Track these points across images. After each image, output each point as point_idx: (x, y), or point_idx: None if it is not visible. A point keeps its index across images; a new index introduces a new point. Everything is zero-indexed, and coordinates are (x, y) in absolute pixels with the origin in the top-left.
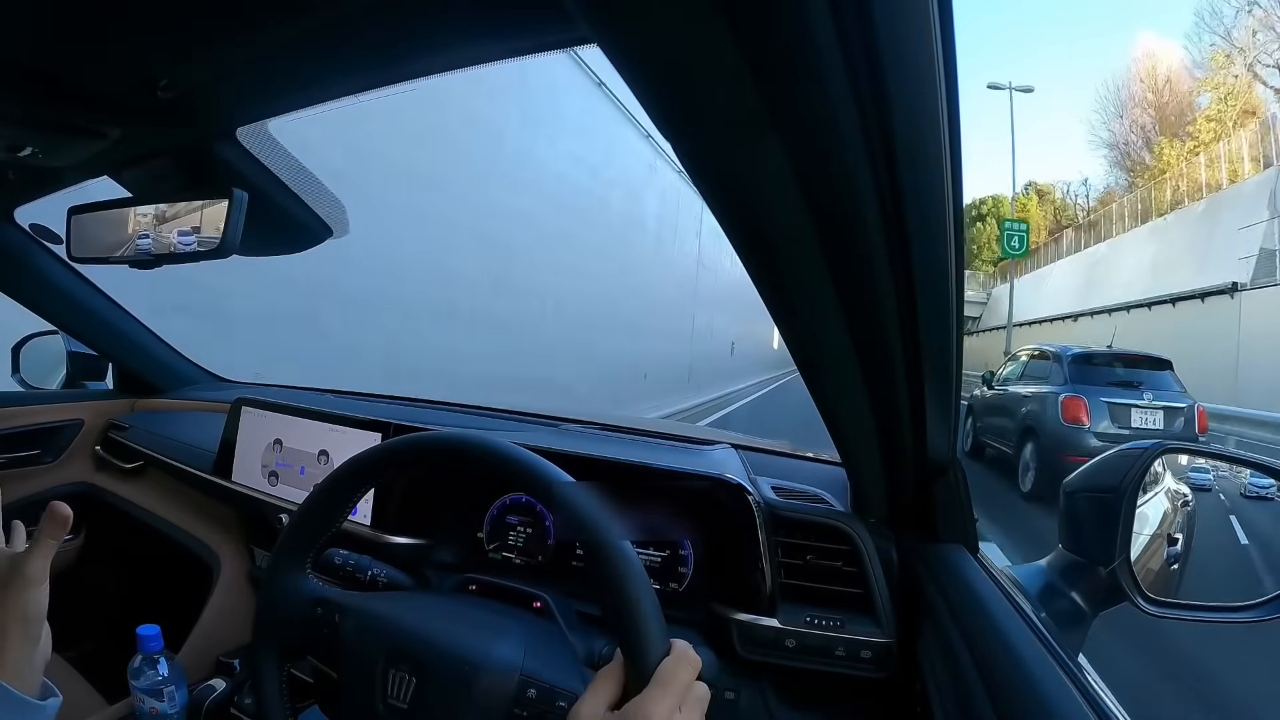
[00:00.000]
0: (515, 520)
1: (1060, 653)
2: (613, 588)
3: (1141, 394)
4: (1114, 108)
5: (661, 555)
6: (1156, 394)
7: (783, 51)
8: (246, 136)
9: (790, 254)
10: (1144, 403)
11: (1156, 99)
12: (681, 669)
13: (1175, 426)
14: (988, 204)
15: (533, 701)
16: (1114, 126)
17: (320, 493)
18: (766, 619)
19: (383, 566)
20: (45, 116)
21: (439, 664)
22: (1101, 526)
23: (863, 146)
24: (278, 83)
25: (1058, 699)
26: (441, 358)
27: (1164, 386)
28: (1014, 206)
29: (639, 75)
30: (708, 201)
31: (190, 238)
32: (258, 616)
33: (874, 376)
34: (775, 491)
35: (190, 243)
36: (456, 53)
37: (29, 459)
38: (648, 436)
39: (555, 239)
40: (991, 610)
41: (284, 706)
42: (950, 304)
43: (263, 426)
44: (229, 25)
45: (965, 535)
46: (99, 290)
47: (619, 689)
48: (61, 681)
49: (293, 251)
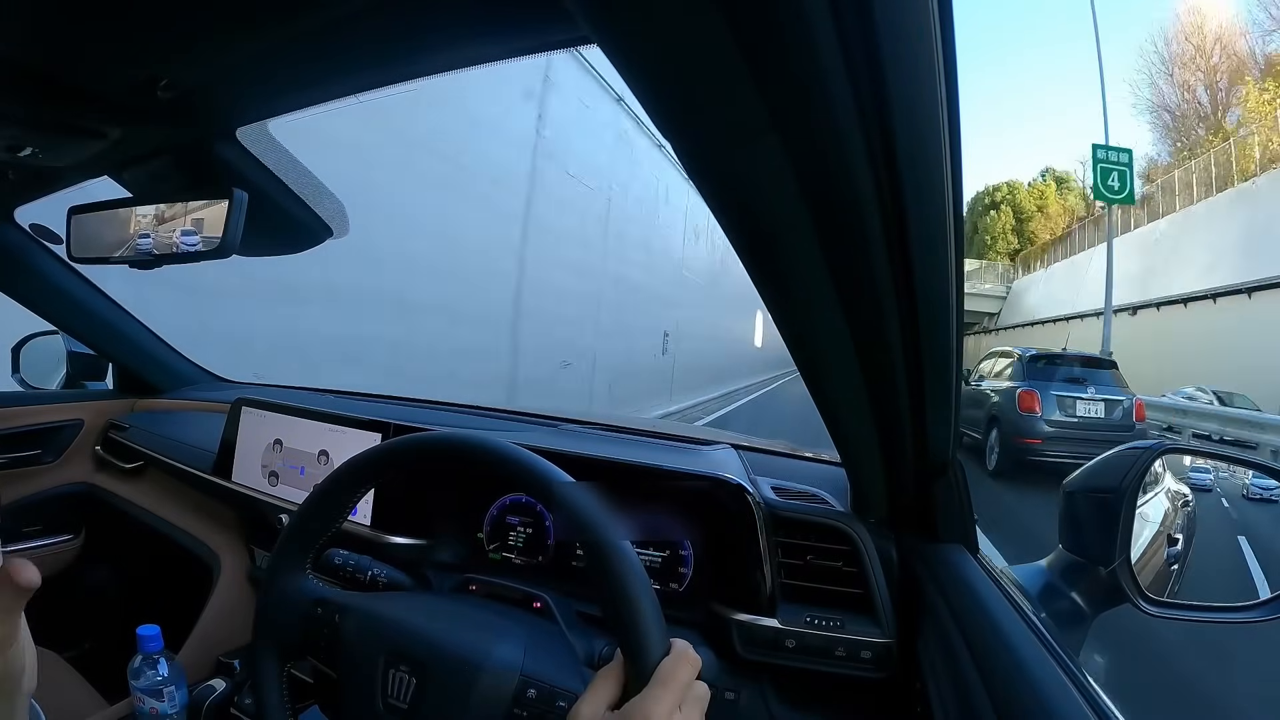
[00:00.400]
0: (515, 520)
1: (1060, 653)
2: (612, 587)
3: (1086, 389)
4: (1160, 65)
5: (661, 555)
6: (1099, 389)
7: (783, 51)
8: (246, 136)
9: (790, 254)
10: (1087, 396)
11: (1205, 61)
12: (681, 668)
13: (1115, 416)
14: (1002, 190)
15: (533, 701)
16: (1161, 86)
17: (320, 493)
18: (766, 619)
19: (383, 567)
20: (45, 116)
21: (439, 664)
22: (1101, 526)
23: (863, 146)
24: (278, 83)
25: (1058, 699)
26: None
27: (1106, 383)
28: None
29: (639, 75)
30: (708, 201)
31: (190, 238)
32: (258, 617)
33: (874, 376)
34: (775, 491)
35: (190, 243)
36: (456, 53)
37: (29, 459)
38: (647, 436)
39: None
40: (991, 610)
41: (284, 707)
42: (950, 304)
43: (263, 426)
44: (229, 25)
45: (965, 535)
46: (99, 290)
47: (619, 689)
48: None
49: (293, 251)
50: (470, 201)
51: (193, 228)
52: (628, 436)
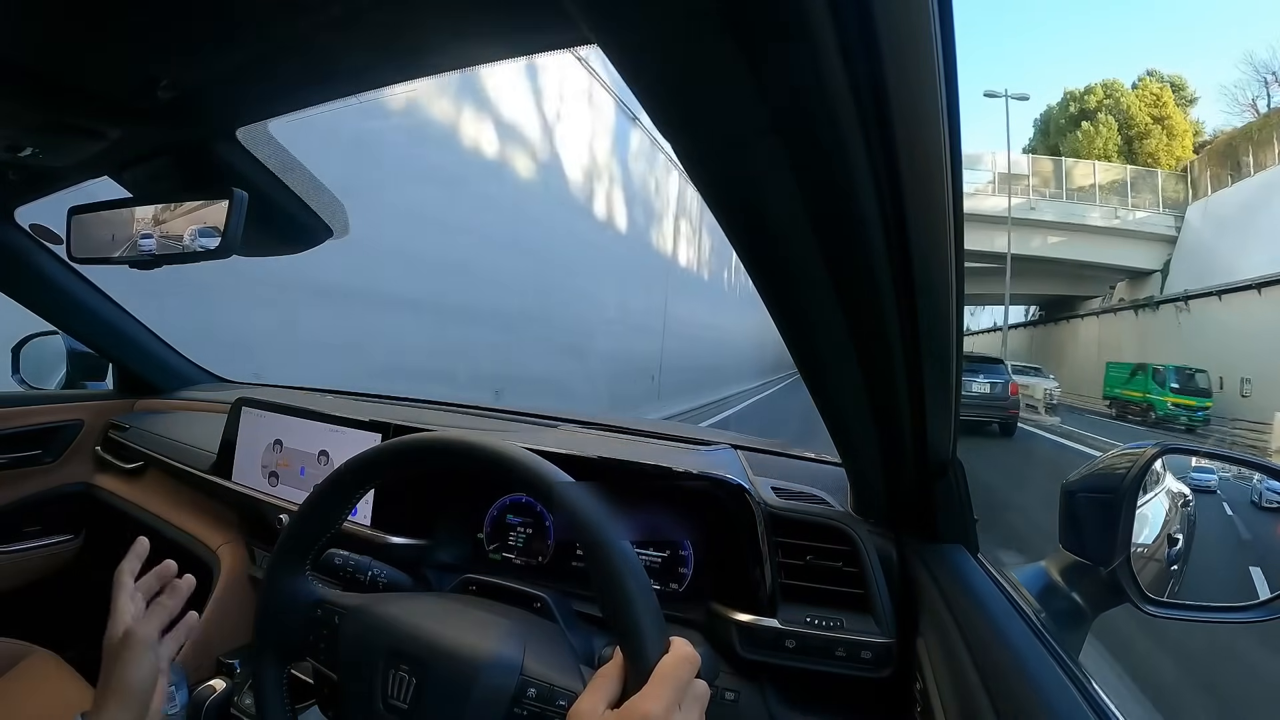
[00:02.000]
0: (515, 520)
1: (1060, 653)
2: (611, 587)
3: (978, 377)
4: None
5: (661, 555)
6: (986, 377)
7: (783, 52)
8: (246, 136)
9: (790, 254)
10: (978, 381)
11: None
12: (681, 667)
13: (996, 391)
14: (1095, 94)
15: (532, 701)
16: None
17: (320, 493)
18: (766, 619)
19: (383, 567)
20: (45, 116)
21: (439, 664)
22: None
23: (863, 147)
24: (278, 83)
25: (1058, 699)
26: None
27: (995, 374)
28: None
29: (640, 76)
30: (708, 201)
31: (190, 238)
32: (258, 617)
33: (874, 376)
34: (775, 491)
35: (190, 243)
36: (457, 53)
37: (29, 459)
38: (647, 437)
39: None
40: (991, 610)
41: (284, 707)
42: (950, 304)
43: (263, 426)
44: (229, 25)
45: (965, 535)
46: (99, 290)
47: (618, 687)
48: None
49: (293, 251)
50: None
51: (193, 227)
52: (627, 436)
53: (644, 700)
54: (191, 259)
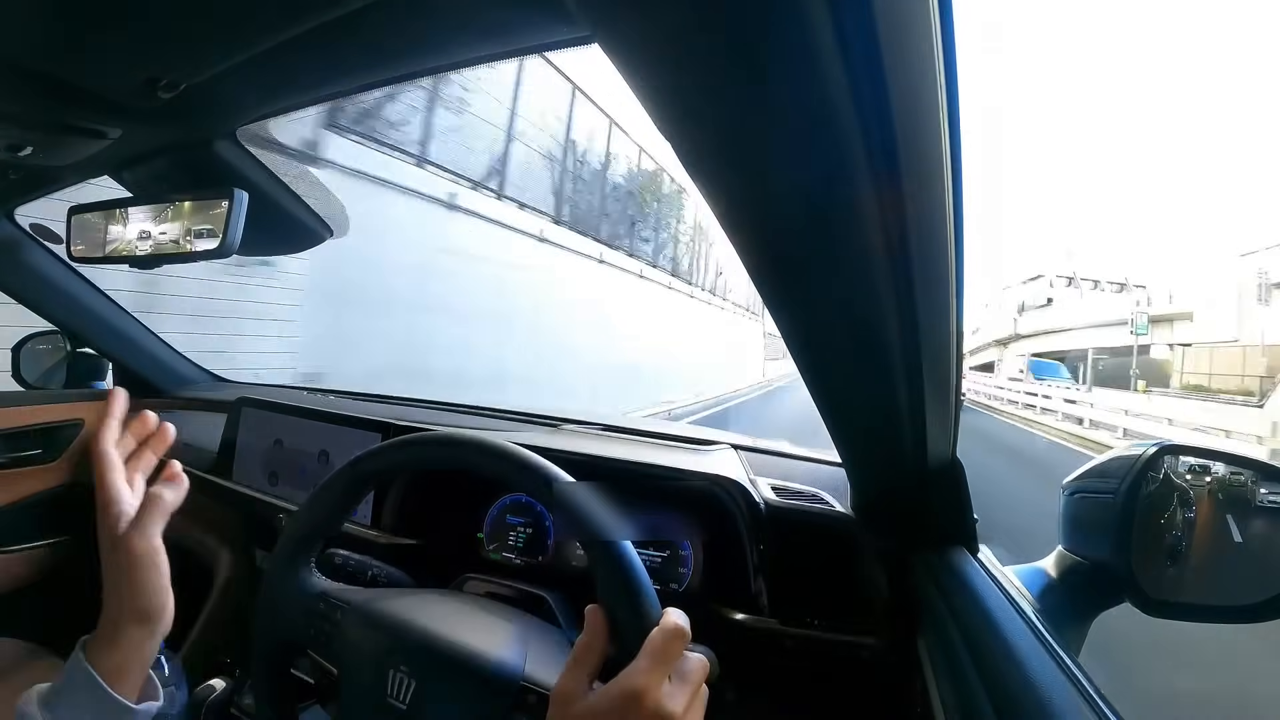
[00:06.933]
0: (515, 520)
1: (1060, 653)
2: (606, 572)
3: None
4: None
5: (661, 555)
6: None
7: (782, 52)
8: (246, 136)
9: (790, 254)
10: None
11: None
12: (672, 641)
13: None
14: None
15: (533, 704)
16: None
17: (320, 493)
18: (766, 619)
19: (383, 566)
20: (45, 116)
21: (439, 665)
22: (1101, 527)
23: (863, 147)
24: (278, 83)
25: (1058, 699)
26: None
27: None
28: None
29: (639, 75)
30: (708, 202)
31: (190, 237)
32: (259, 615)
33: (874, 376)
34: (775, 491)
35: (190, 243)
36: (457, 52)
37: (29, 459)
38: (647, 437)
39: None
40: (991, 610)
41: (284, 706)
42: (950, 304)
43: (263, 426)
44: (229, 26)
45: (965, 535)
46: (99, 290)
47: (598, 659)
48: None
49: (293, 251)
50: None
51: (193, 228)
52: (627, 436)
53: (633, 675)
54: (191, 259)
